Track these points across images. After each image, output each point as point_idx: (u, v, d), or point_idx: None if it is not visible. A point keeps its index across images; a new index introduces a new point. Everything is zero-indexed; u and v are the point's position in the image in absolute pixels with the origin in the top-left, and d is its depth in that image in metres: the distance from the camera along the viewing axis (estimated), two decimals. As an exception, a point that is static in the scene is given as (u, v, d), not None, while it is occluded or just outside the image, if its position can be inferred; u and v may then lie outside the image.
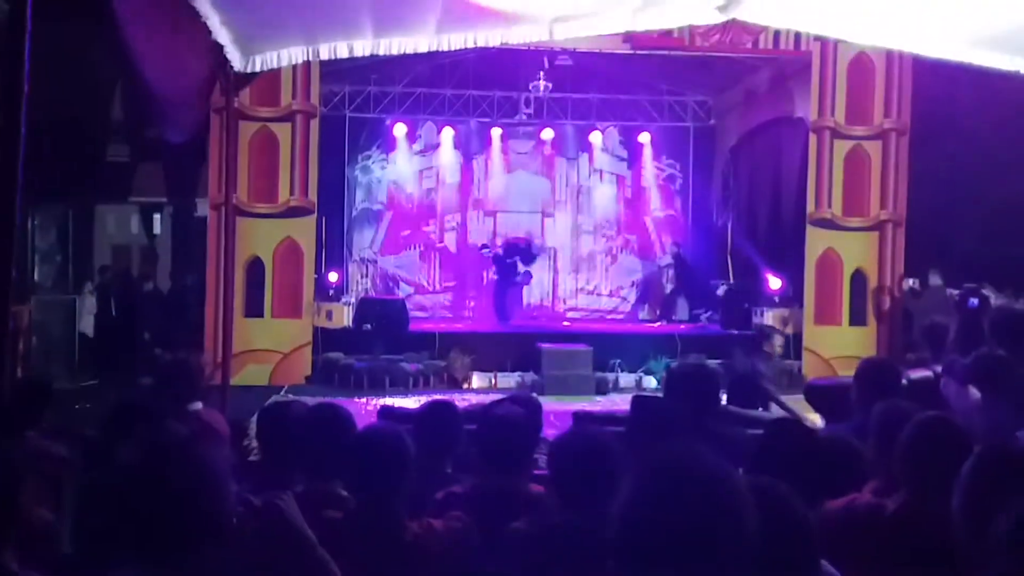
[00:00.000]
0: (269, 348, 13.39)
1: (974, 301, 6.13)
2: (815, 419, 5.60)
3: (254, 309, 13.54)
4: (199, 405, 4.73)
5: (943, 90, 12.08)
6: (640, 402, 4.63)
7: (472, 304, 18.11)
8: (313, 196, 13.93)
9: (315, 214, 14.07)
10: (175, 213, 19.14)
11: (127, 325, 14.95)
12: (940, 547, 2.52)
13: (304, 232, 13.88)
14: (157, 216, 19.47)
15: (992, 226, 13.56)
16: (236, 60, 6.18)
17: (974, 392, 4.59)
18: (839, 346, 13.63)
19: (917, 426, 2.96)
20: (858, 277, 14.18)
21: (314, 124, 13.96)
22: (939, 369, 5.18)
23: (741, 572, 1.62)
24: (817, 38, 13.10)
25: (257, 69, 6.31)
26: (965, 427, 3.15)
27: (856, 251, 14.13)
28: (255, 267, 13.61)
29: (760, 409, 6.04)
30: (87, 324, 14.57)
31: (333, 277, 15.49)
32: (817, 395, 5.67)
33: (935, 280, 12.54)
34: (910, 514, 2.86)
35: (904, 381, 4.84)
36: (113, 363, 13.40)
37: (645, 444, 3.49)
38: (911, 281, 13.13)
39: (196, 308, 14.03)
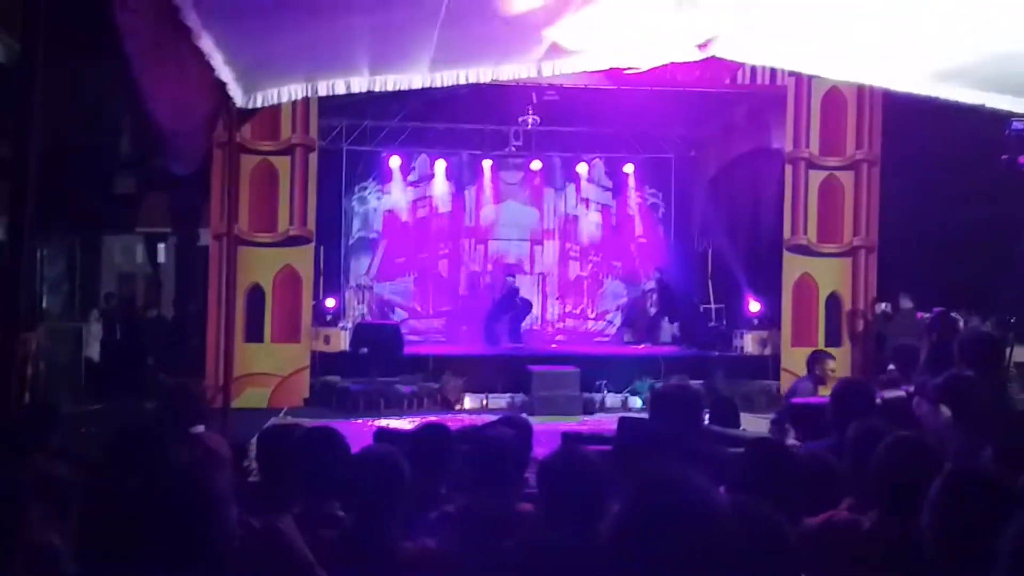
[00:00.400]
0: (268, 372, 13.33)
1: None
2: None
3: (254, 334, 13.49)
4: (201, 428, 4.70)
5: (911, 122, 12.16)
6: (626, 422, 4.61)
7: (464, 328, 18.11)
8: (311, 226, 13.93)
9: (313, 243, 14.07)
10: (179, 242, 19.09)
11: (132, 351, 14.89)
12: (914, 563, 2.51)
13: (303, 260, 13.87)
14: (161, 245, 19.41)
15: (959, 252, 13.62)
16: (238, 97, 6.20)
17: (945, 411, 4.59)
18: (816, 367, 13.62)
19: (890, 445, 2.96)
20: (833, 300, 14.23)
21: (312, 157, 13.98)
22: (911, 389, 5.18)
23: None
24: (792, 73, 13.23)
25: (258, 105, 6.33)
26: (937, 445, 3.16)
27: (831, 276, 14.18)
28: (255, 294, 13.57)
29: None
30: (93, 350, 14.50)
31: (330, 303, 15.46)
32: (795, 414, 5.66)
33: (906, 303, 12.58)
34: (885, 531, 2.85)
35: (878, 401, 4.84)
36: (118, 388, 13.31)
37: (631, 463, 3.48)
38: (883, 304, 13.16)
39: (198, 334, 13.96)
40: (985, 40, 5.26)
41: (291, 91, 6.26)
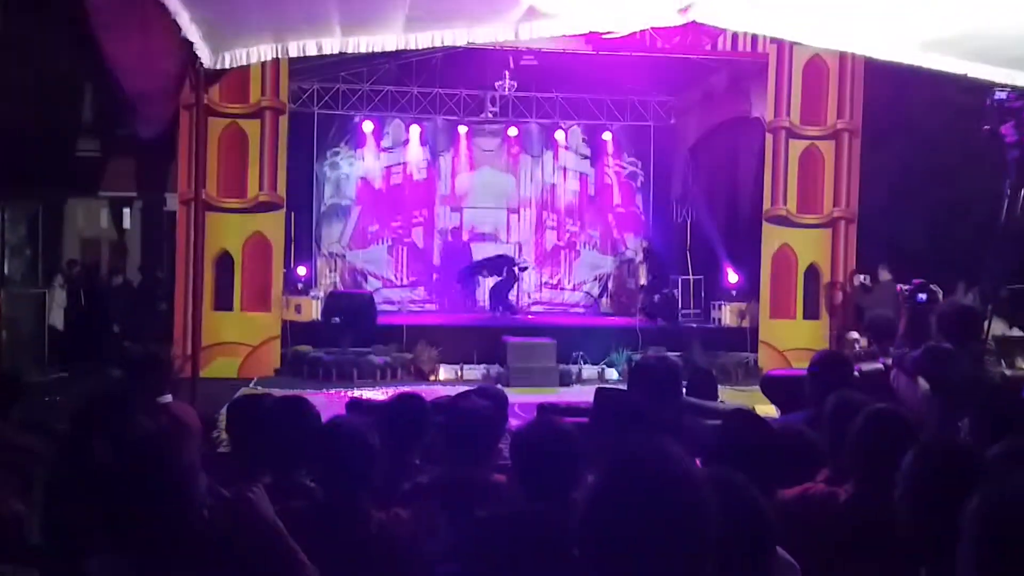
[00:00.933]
0: (238, 341, 13.28)
1: (922, 296, 6.19)
2: (770, 410, 5.66)
3: (223, 303, 13.41)
4: (169, 397, 4.69)
5: (894, 92, 12.22)
6: (603, 394, 4.63)
7: (438, 298, 18.13)
8: (282, 191, 13.83)
9: (284, 209, 13.97)
10: (145, 208, 18.90)
11: (96, 318, 14.76)
12: (889, 534, 2.56)
13: (273, 227, 13.78)
14: (127, 210, 19.20)
15: (939, 224, 13.75)
16: (206, 57, 6.11)
17: (923, 384, 4.66)
18: (793, 339, 13.78)
19: (867, 417, 2.99)
20: (811, 272, 14.33)
21: (283, 120, 13.85)
22: (889, 361, 5.24)
23: (701, 560, 1.63)
24: (773, 41, 13.23)
25: (226, 66, 6.25)
26: (914, 418, 3.20)
27: (810, 247, 14.28)
28: (224, 261, 13.48)
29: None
30: (57, 317, 14.37)
31: (302, 271, 15.39)
32: (772, 386, 5.72)
33: (885, 275, 12.69)
34: (861, 502, 2.89)
35: (856, 373, 4.89)
36: (83, 356, 13.22)
37: (608, 435, 3.51)
38: (862, 277, 13.28)
39: (165, 301, 13.87)
40: (969, 10, 5.28)
41: (260, 52, 6.18)
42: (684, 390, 5.33)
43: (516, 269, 16.78)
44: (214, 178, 13.22)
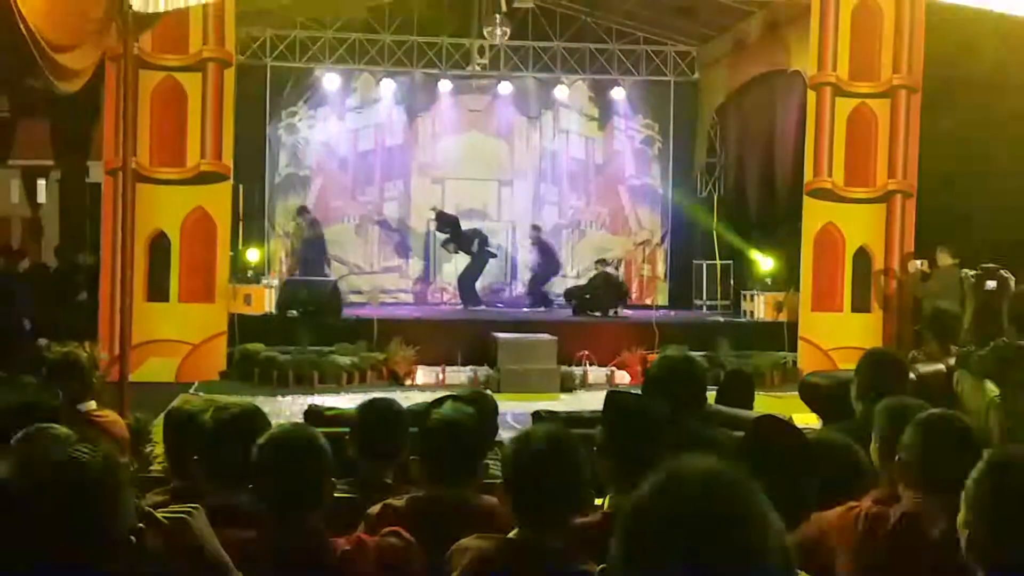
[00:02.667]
0: (176, 338, 13.27)
1: (991, 283, 6.19)
2: (811, 419, 5.69)
3: (158, 292, 13.40)
4: (92, 405, 4.69)
5: (961, 41, 12.22)
6: (614, 399, 4.65)
7: (417, 287, 18.14)
8: (228, 159, 13.80)
9: (231, 180, 13.95)
10: (63, 179, 18.86)
11: (4, 312, 14.72)
12: (950, 563, 2.57)
13: (217, 201, 13.75)
14: (42, 182, 19.16)
15: (1014, 198, 13.77)
16: (135, -3, 6.11)
17: (991, 387, 4.69)
18: (839, 336, 13.80)
19: (922, 425, 3.01)
20: (862, 256, 14.34)
21: (229, 74, 13.80)
22: (951, 362, 5.27)
23: None
24: (817, -21, 13.22)
25: (160, 9, 6.25)
26: (979, 427, 3.22)
27: (860, 226, 14.27)
28: (159, 243, 13.46)
29: None
30: (-43, 311, 14.34)
31: (252, 255, 15.36)
32: (814, 391, 5.75)
33: (946, 259, 12.68)
34: (915, 526, 2.91)
35: (912, 376, 4.92)
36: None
37: (619, 448, 3.53)
38: (919, 262, 13.28)
39: (88, 291, 13.84)
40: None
41: (202, -9, 6.18)
42: (716, 395, 5.36)
43: (487, 251, 16.63)
44: (146, 143, 13.18)
